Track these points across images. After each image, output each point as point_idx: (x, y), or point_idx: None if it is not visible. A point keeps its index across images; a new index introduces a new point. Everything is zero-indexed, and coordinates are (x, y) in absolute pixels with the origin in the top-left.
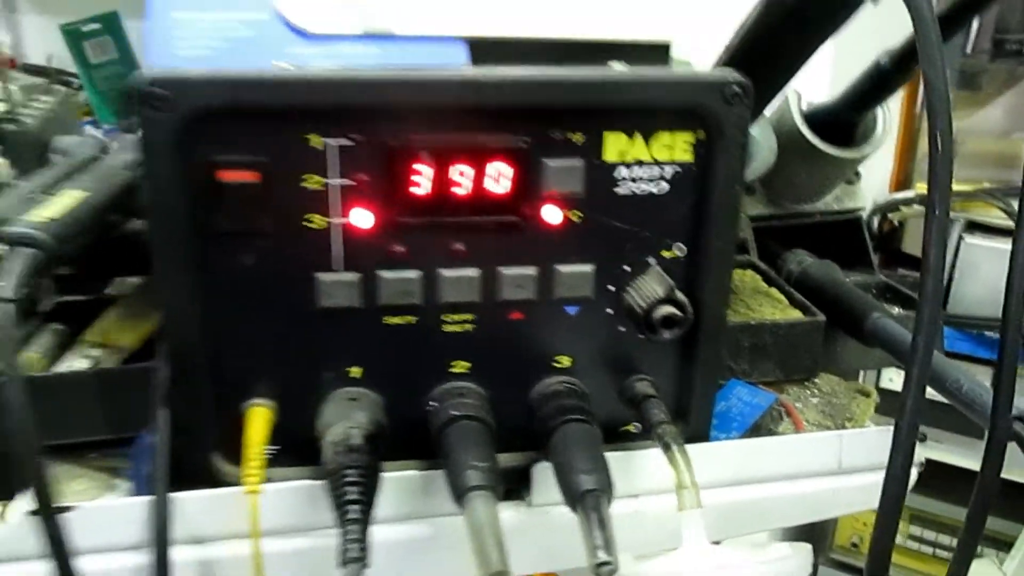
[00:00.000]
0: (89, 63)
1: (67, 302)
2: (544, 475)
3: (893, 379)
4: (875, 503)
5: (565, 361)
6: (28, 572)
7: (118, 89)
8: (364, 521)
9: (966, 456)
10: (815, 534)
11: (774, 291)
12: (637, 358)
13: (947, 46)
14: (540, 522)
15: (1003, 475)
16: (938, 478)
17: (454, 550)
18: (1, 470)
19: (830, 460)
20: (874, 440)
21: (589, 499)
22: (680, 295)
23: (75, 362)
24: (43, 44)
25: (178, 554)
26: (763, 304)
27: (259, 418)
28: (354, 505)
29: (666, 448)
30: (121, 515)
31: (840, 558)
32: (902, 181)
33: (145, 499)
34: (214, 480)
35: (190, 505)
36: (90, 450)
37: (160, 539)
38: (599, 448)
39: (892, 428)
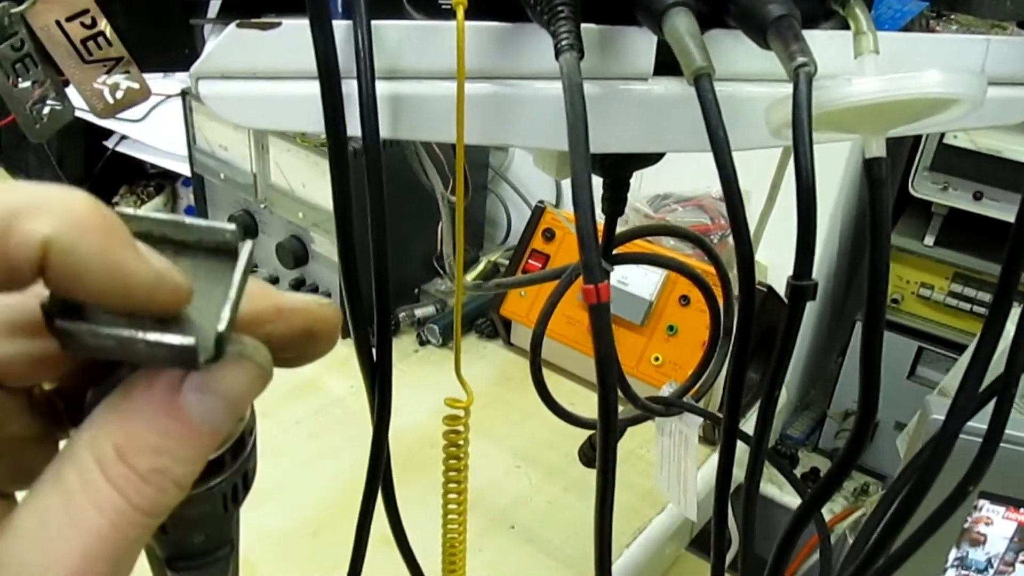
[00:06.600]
0: None
1: None
2: (716, 46)
3: (958, 136)
4: (1009, 119)
5: None
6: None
7: None
8: (576, 19)
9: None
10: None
11: None
12: None
13: None
14: None
15: None
16: (994, 236)
17: (627, 111)
18: None
19: (973, 66)
20: (1020, 52)
21: (783, 21)
22: None
23: None
24: None
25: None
26: None
27: None
28: (565, 6)
29: (844, 5)
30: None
31: None
32: None
33: (346, 23)
34: None
35: (388, 33)
36: (268, 9)
37: (364, 65)
38: None
39: None
